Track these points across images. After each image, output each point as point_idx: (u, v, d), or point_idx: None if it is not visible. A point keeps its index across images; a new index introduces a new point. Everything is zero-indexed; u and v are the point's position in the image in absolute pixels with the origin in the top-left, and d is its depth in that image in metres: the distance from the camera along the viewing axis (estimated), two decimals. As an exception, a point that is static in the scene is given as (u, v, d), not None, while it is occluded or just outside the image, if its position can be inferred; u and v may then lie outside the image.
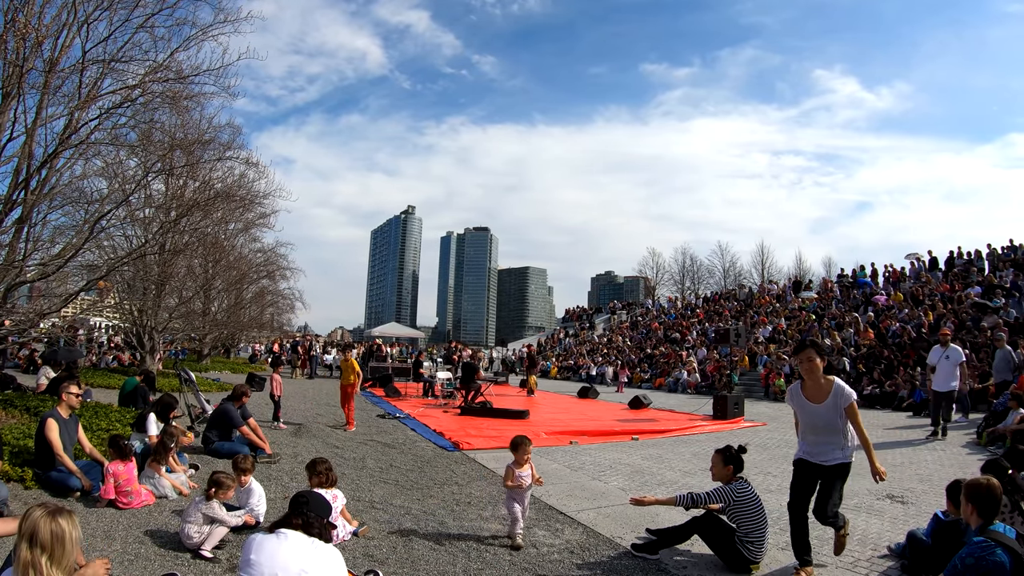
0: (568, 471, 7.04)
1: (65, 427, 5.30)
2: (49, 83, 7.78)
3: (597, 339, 33.56)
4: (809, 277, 37.15)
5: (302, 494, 2.98)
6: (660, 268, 50.27)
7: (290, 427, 9.74)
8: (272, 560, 2.50)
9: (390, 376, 18.46)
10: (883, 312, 19.79)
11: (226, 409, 7.48)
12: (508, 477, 4.56)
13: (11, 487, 4.95)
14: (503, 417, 12.18)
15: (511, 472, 4.56)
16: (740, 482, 4.10)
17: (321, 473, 4.57)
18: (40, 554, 2.31)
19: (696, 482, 6.51)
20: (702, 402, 15.31)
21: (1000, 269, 19.46)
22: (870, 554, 4.24)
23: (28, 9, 7.28)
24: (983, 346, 14.26)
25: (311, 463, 4.68)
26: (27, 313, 9.25)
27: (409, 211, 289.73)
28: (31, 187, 7.87)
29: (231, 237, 21.78)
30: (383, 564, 3.86)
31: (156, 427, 6.62)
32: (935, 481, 6.58)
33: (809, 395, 3.91)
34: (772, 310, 25.68)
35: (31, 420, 7.24)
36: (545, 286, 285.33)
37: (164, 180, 13.48)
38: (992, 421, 9.35)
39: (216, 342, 27.99)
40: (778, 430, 11.27)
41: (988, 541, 2.90)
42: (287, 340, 32.20)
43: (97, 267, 10.50)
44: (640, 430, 10.61)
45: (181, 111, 10.29)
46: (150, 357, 15.72)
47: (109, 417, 7.73)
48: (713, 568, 4.00)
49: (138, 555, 3.86)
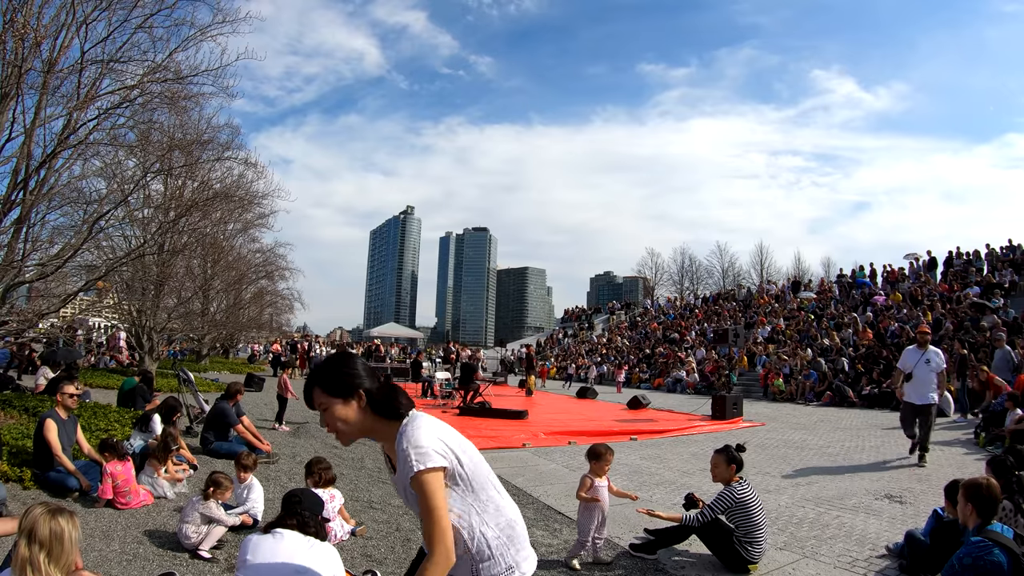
0: (567, 471, 7.04)
1: (64, 427, 5.30)
2: (48, 83, 7.76)
3: (596, 339, 33.57)
4: (808, 277, 37.21)
5: (294, 493, 2.98)
6: (659, 268, 50.43)
7: (289, 427, 9.74)
8: (269, 560, 2.50)
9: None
10: (882, 312, 19.80)
11: (222, 408, 7.47)
12: (582, 487, 4.14)
13: (10, 487, 4.95)
14: (502, 417, 12.18)
15: (587, 482, 4.15)
16: (740, 483, 4.09)
17: (315, 473, 4.57)
18: (39, 552, 2.31)
19: (695, 482, 6.51)
20: (701, 402, 15.32)
21: (999, 269, 19.50)
22: (868, 554, 4.24)
23: (27, 9, 7.26)
24: (982, 346, 14.28)
25: (309, 463, 4.68)
26: (26, 313, 9.24)
27: (408, 211, 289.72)
28: (30, 187, 7.85)
29: (230, 237, 21.75)
30: (381, 564, 3.86)
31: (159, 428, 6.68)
32: (933, 481, 6.59)
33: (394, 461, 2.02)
34: (771, 310, 25.70)
35: (30, 420, 7.23)
36: (544, 286, 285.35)
37: (163, 180, 13.46)
38: (990, 421, 9.36)
39: (215, 342, 27.97)
40: (777, 430, 11.28)
41: (986, 541, 2.90)
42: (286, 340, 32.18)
43: (96, 267, 10.48)
44: (639, 430, 10.61)
45: (180, 111, 10.27)
46: (149, 357, 15.70)
47: (108, 417, 7.71)
48: (711, 568, 4.00)
49: (136, 555, 3.85)
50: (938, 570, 3.24)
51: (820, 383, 17.03)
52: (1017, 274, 18.74)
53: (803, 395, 17.20)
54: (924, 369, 7.72)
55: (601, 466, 4.22)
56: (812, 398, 16.82)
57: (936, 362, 7.71)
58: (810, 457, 8.35)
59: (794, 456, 8.41)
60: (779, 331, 22.51)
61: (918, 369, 7.76)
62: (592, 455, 4.27)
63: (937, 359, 7.74)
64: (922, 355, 7.80)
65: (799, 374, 17.90)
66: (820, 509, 5.44)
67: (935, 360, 7.73)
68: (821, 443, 9.66)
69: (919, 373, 7.75)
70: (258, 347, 36.53)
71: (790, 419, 13.11)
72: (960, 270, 20.59)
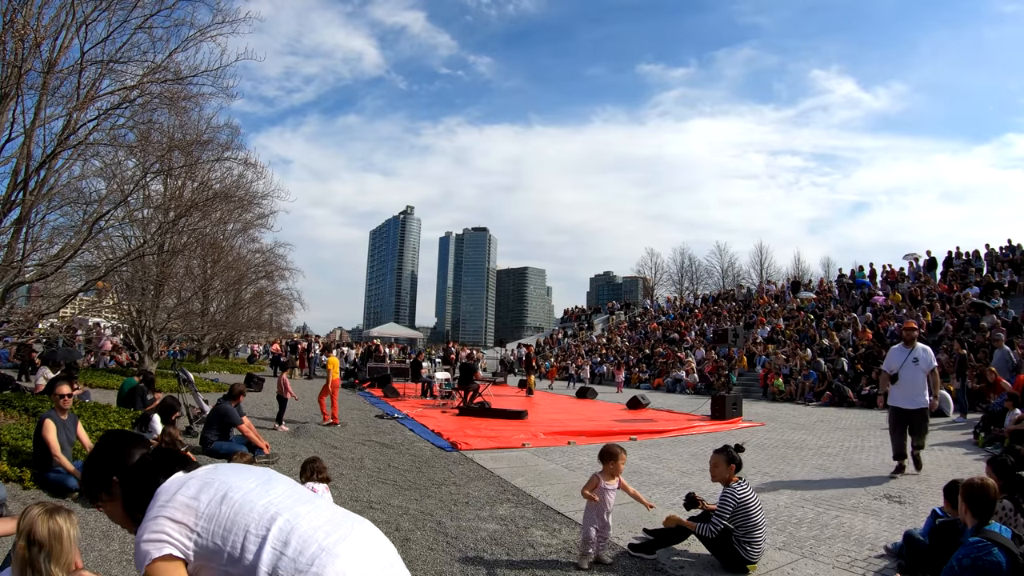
0: (566, 471, 7.04)
1: (63, 427, 5.31)
2: (48, 84, 7.77)
3: (596, 339, 33.58)
4: (808, 277, 37.24)
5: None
6: (659, 268, 50.53)
7: (289, 427, 9.74)
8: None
9: (388, 376, 18.46)
10: (881, 312, 19.82)
11: (225, 408, 7.50)
12: (588, 485, 4.10)
13: (9, 487, 4.97)
14: (501, 417, 12.19)
15: (594, 482, 4.11)
16: (740, 483, 4.09)
17: (307, 471, 4.57)
18: (38, 552, 2.31)
19: (694, 482, 6.52)
20: (700, 402, 15.33)
21: (998, 269, 19.52)
22: (867, 554, 4.25)
23: (26, 10, 7.27)
24: (981, 346, 14.29)
25: (304, 463, 4.67)
26: (26, 314, 9.24)
27: (408, 211, 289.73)
28: (30, 188, 7.86)
29: (229, 237, 21.79)
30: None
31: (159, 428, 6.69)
32: (932, 481, 6.60)
33: None
34: (770, 310, 25.71)
35: (29, 420, 7.24)
36: (544, 286, 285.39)
37: (163, 181, 13.49)
38: (989, 421, 9.37)
39: (215, 342, 27.97)
40: (776, 430, 11.28)
41: (984, 541, 2.91)
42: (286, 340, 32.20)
43: (96, 267, 10.49)
44: (638, 430, 10.62)
45: (179, 112, 10.28)
46: (148, 357, 15.70)
47: (108, 418, 7.73)
48: (710, 568, 4.00)
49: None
50: (937, 571, 3.24)
51: (819, 383, 17.04)
52: (1016, 274, 18.77)
53: (802, 395, 17.21)
54: (912, 369, 6.93)
55: (616, 467, 4.16)
56: (811, 398, 16.84)
57: (926, 360, 6.93)
58: (809, 457, 8.35)
59: (793, 456, 8.41)
60: (779, 331, 22.53)
61: (905, 370, 6.98)
62: (607, 455, 4.19)
63: (926, 356, 6.96)
64: (909, 353, 7.03)
65: (798, 374, 17.91)
66: (819, 509, 5.45)
67: (924, 358, 6.93)
68: (820, 443, 9.66)
69: (906, 374, 6.97)
70: (258, 347, 36.53)
71: (789, 419, 13.12)
72: (960, 270, 20.61)
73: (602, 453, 4.24)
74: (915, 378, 6.91)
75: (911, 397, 6.91)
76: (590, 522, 4.03)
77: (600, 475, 4.16)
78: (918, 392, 6.89)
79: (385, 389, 17.08)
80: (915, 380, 6.91)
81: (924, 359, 6.94)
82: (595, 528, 4.02)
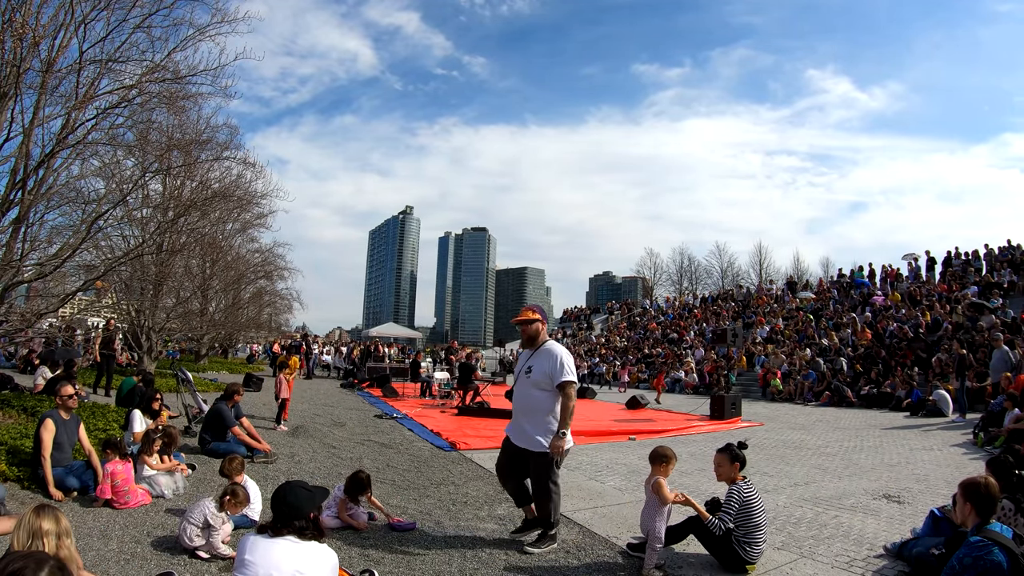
0: (565, 471, 6.98)
1: (64, 427, 5.29)
2: (46, 83, 7.74)
3: (595, 339, 33.57)
4: (807, 277, 37.26)
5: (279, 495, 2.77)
6: (658, 268, 50.51)
7: (288, 427, 9.73)
8: (266, 560, 2.50)
9: (388, 376, 18.45)
10: (880, 312, 19.84)
11: (219, 409, 7.45)
12: (664, 489, 3.99)
13: (8, 486, 4.96)
14: (500, 417, 12.15)
15: (666, 485, 4.04)
16: (745, 482, 4.07)
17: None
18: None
19: (693, 482, 6.51)
20: (700, 402, 15.32)
21: (997, 269, 19.54)
22: (866, 554, 4.24)
23: (25, 9, 7.25)
24: (981, 346, 14.29)
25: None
26: (24, 313, 9.22)
27: (407, 211, 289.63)
28: (28, 187, 7.84)
29: (229, 237, 21.74)
30: (379, 563, 3.85)
31: (141, 424, 6.77)
32: (932, 481, 6.60)
33: None
34: (770, 310, 25.72)
35: (28, 420, 7.23)
36: (543, 286, 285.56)
37: (161, 180, 13.44)
38: (989, 421, 9.38)
39: (214, 342, 27.93)
40: (775, 430, 11.28)
41: (985, 541, 2.90)
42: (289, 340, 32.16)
43: (94, 267, 10.47)
44: (637, 430, 10.61)
45: (178, 111, 10.25)
46: (147, 357, 15.67)
47: (106, 418, 7.71)
48: (709, 568, 3.99)
49: (134, 554, 3.85)
50: (937, 572, 3.23)
51: (819, 383, 17.05)
52: (1016, 274, 18.79)
53: (802, 395, 17.22)
54: (524, 383, 4.45)
55: (669, 468, 4.16)
56: (811, 398, 16.84)
57: (546, 370, 4.28)
58: (808, 457, 8.35)
59: (792, 456, 8.41)
60: (778, 331, 22.54)
61: (520, 384, 4.53)
62: (661, 458, 4.18)
63: (549, 364, 4.29)
64: (529, 356, 4.49)
65: (798, 374, 17.92)
66: (818, 509, 5.45)
67: (547, 366, 4.30)
68: (819, 443, 9.66)
69: (520, 389, 4.53)
70: (257, 347, 36.50)
71: (788, 419, 13.12)
72: (959, 270, 20.64)
73: (656, 455, 4.22)
74: (527, 397, 4.51)
75: (520, 429, 4.58)
76: (663, 524, 3.94)
77: (662, 477, 4.10)
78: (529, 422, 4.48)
79: (384, 389, 17.07)
80: (527, 400, 4.52)
81: (546, 367, 4.33)
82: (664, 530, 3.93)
